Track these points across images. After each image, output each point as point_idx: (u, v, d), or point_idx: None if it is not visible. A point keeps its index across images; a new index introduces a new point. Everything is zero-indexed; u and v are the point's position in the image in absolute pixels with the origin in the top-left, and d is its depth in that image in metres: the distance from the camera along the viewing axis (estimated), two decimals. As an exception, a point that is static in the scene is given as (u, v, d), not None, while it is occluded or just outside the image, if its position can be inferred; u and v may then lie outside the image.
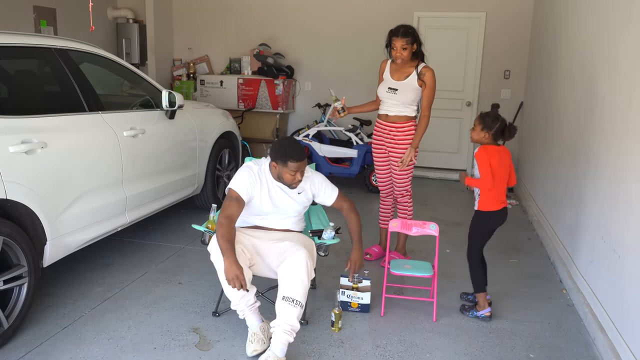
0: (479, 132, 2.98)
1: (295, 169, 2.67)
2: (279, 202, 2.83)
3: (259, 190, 2.78)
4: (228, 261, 2.44)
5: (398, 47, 3.52)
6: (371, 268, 3.56)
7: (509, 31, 6.66)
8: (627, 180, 2.69)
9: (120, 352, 2.62)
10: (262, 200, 2.80)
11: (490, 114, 2.96)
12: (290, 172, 2.67)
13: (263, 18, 7.41)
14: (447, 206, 5.60)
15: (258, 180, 2.77)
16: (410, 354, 2.70)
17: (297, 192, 2.83)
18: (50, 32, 6.26)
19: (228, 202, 2.67)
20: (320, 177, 2.93)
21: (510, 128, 2.94)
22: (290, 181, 2.72)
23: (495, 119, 2.93)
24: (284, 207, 2.85)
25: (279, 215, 2.87)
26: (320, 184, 2.91)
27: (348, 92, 7.08)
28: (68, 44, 3.30)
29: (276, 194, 2.82)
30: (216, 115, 4.88)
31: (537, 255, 4.20)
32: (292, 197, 2.84)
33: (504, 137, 2.95)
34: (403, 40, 3.50)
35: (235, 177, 2.77)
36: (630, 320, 2.52)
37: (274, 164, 2.73)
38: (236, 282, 2.41)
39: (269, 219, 2.88)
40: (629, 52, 2.85)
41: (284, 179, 2.72)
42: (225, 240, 2.50)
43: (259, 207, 2.83)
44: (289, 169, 2.67)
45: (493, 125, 2.92)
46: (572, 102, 4.02)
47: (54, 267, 3.43)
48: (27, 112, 2.84)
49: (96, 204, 3.19)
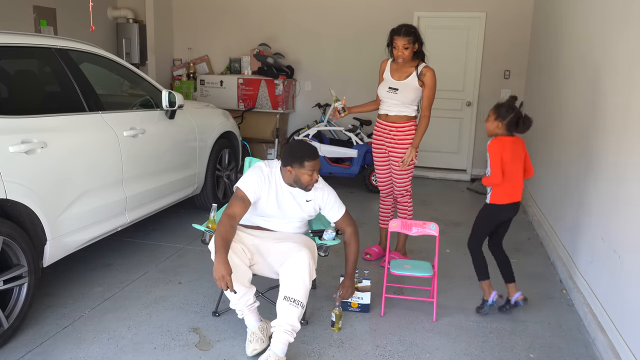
0: (492, 122, 2.93)
1: (312, 167, 2.68)
2: (285, 207, 2.82)
3: (267, 192, 2.76)
4: (217, 260, 2.42)
5: (400, 46, 3.51)
6: (371, 268, 3.56)
7: (509, 31, 6.66)
8: (627, 180, 2.69)
9: (120, 352, 2.62)
10: (268, 201, 2.78)
11: (505, 104, 2.92)
12: (308, 172, 2.68)
13: (263, 18, 7.41)
14: (447, 206, 5.60)
15: (267, 182, 2.76)
16: (410, 354, 2.70)
17: (305, 199, 2.82)
18: (50, 32, 6.26)
19: (233, 201, 2.67)
20: (332, 191, 2.90)
21: (525, 120, 2.88)
22: (308, 182, 2.71)
23: (509, 109, 2.88)
24: (289, 212, 2.83)
25: (282, 219, 2.86)
26: (330, 198, 2.87)
27: (348, 92, 7.08)
28: (68, 44, 3.30)
29: (284, 198, 2.80)
30: (216, 115, 4.88)
31: (537, 255, 4.20)
32: (299, 204, 2.82)
33: (518, 128, 2.89)
34: (405, 40, 3.50)
35: (244, 176, 2.76)
36: (630, 320, 2.52)
37: (289, 168, 2.70)
38: (222, 282, 2.39)
39: (272, 221, 2.87)
40: (630, 52, 2.85)
41: (302, 180, 2.70)
42: (221, 238, 2.49)
43: (264, 209, 2.81)
44: (306, 170, 2.67)
45: (507, 115, 2.87)
46: (572, 102, 4.02)
47: (54, 267, 3.43)
48: (27, 112, 2.84)
49: (96, 204, 3.19)
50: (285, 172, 2.74)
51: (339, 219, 2.90)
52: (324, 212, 2.90)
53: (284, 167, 2.74)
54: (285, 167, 2.73)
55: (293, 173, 2.70)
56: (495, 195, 2.99)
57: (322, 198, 2.86)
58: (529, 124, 2.89)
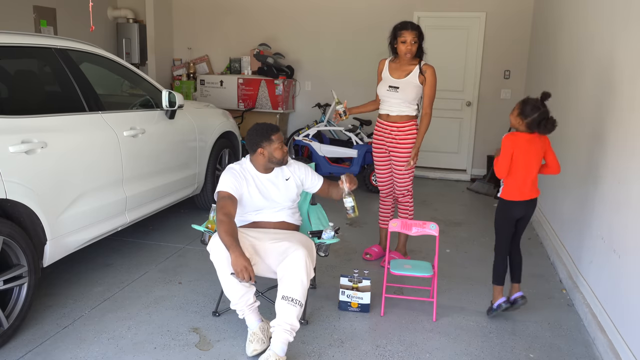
0: (515, 117, 2.84)
1: (279, 139, 2.83)
2: (270, 194, 2.90)
3: (246, 186, 2.85)
4: (235, 254, 2.45)
5: (409, 40, 3.50)
6: (371, 268, 3.57)
7: (509, 31, 6.66)
8: (628, 180, 2.69)
9: (120, 352, 2.62)
10: (251, 195, 2.85)
11: (532, 101, 2.80)
12: (278, 145, 2.81)
13: (263, 18, 7.41)
14: (447, 206, 5.60)
15: (243, 177, 2.85)
16: (410, 354, 2.70)
17: (284, 179, 2.92)
18: (50, 32, 6.26)
19: (222, 202, 2.71)
20: (303, 165, 3.06)
21: (548, 122, 2.76)
22: (282, 155, 2.84)
23: (535, 108, 2.77)
24: (275, 198, 2.91)
25: (273, 208, 2.92)
26: (306, 170, 3.03)
27: (348, 91, 7.09)
28: (68, 44, 3.30)
29: (264, 186, 2.89)
30: (216, 115, 4.88)
31: (537, 255, 4.20)
32: (280, 187, 2.92)
33: (540, 129, 2.79)
34: (414, 33, 3.50)
35: (220, 180, 2.83)
36: (630, 320, 2.52)
37: (260, 150, 2.82)
38: (245, 273, 2.42)
39: (264, 213, 2.92)
40: (631, 52, 2.84)
41: (277, 155, 2.82)
42: (228, 235, 2.51)
43: (251, 202, 2.88)
44: (275, 143, 2.81)
45: (531, 114, 2.77)
46: (572, 102, 4.02)
47: (54, 267, 3.44)
48: (27, 112, 2.84)
49: (96, 203, 3.19)
50: (257, 157, 2.85)
51: (323, 184, 3.05)
52: (306, 185, 3.02)
53: (255, 153, 2.84)
54: (255, 153, 2.84)
55: (266, 153, 2.82)
56: (504, 191, 2.96)
57: (299, 170, 2.99)
58: (552, 127, 2.78)
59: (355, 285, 3.08)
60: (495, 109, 6.85)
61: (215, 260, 2.58)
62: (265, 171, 2.90)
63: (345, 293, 3.09)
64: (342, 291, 3.09)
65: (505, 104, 6.79)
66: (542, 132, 2.81)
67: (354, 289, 3.09)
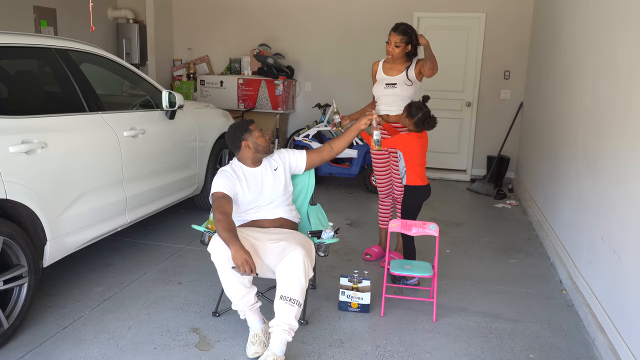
0: (404, 118, 3.37)
1: (258, 127, 2.95)
2: (263, 188, 2.94)
3: (239, 184, 2.89)
4: (235, 247, 2.45)
5: (391, 42, 3.54)
6: (371, 268, 3.57)
7: (509, 31, 6.66)
8: (627, 180, 2.69)
9: (120, 352, 2.62)
10: (244, 192, 2.89)
11: (415, 103, 3.35)
12: (259, 134, 2.92)
13: (263, 18, 7.41)
14: (447, 206, 5.60)
15: (235, 176, 2.90)
16: (410, 354, 2.70)
17: (273, 169, 3.00)
18: (50, 32, 6.27)
19: (217, 202, 2.72)
20: (283, 149, 3.16)
21: (431, 119, 3.32)
22: (266, 141, 2.94)
23: (418, 109, 3.31)
24: (269, 191, 2.95)
25: (269, 204, 2.95)
26: (287, 152, 3.12)
27: (348, 92, 7.10)
28: (68, 44, 3.30)
29: (256, 180, 2.94)
30: (216, 115, 4.89)
31: (537, 255, 4.20)
32: (271, 177, 2.98)
33: (424, 126, 3.34)
34: (398, 37, 3.51)
35: (212, 183, 2.86)
36: (630, 320, 2.52)
37: (245, 143, 2.90)
38: (246, 266, 2.41)
39: (261, 210, 2.94)
40: (629, 52, 2.85)
41: (261, 143, 2.92)
42: (227, 231, 2.51)
43: (246, 199, 2.90)
44: (256, 132, 2.91)
45: (416, 114, 3.30)
46: (572, 102, 4.02)
47: (54, 267, 3.44)
48: (27, 112, 2.84)
49: (96, 204, 3.19)
50: (244, 152, 2.93)
51: (308, 155, 3.14)
52: (292, 165, 3.11)
53: (240, 149, 2.93)
54: (240, 149, 2.93)
55: (250, 145, 2.91)
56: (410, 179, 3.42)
57: (281, 155, 3.10)
58: (434, 124, 3.34)
59: (355, 285, 3.09)
60: (495, 110, 6.85)
61: (217, 260, 2.57)
62: (254, 164, 2.97)
63: (345, 293, 3.09)
64: (342, 291, 3.09)
65: (505, 104, 6.80)
66: (427, 128, 3.36)
67: (354, 289, 3.09)
